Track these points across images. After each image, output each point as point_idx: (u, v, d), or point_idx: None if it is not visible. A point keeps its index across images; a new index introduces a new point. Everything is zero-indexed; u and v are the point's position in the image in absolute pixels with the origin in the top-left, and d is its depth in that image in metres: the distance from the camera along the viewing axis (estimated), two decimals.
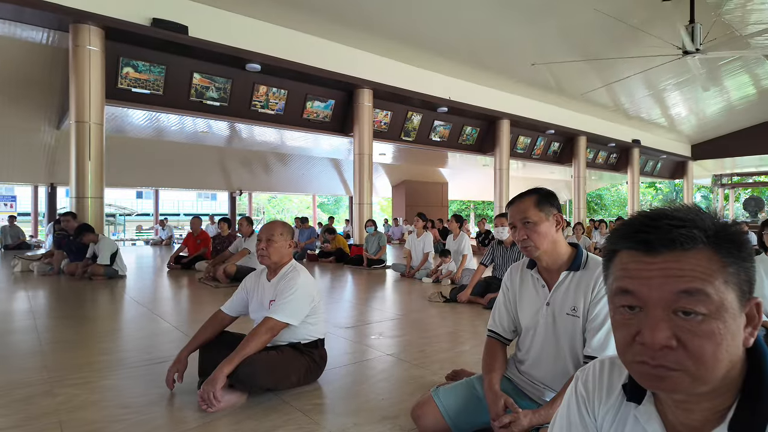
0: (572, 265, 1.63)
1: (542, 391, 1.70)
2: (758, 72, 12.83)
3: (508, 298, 1.82)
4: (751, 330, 0.64)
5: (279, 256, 2.33)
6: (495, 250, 4.87)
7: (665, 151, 18.07)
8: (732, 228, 0.64)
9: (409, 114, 10.66)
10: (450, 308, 4.49)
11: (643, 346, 0.62)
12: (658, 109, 15.17)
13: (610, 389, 0.79)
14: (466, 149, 12.44)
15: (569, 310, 1.60)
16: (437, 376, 2.50)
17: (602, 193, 36.33)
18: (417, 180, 19.89)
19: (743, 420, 0.63)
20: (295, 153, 14.66)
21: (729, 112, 16.22)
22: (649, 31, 8.68)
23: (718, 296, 0.60)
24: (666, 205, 0.68)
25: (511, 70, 10.85)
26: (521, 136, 13.32)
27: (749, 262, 0.63)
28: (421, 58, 9.74)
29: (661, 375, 0.61)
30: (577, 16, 8.46)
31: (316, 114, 9.36)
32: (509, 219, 1.70)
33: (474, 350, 2.99)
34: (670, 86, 12.83)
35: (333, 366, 2.59)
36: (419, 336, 3.41)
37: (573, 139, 14.49)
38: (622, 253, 0.67)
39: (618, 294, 0.66)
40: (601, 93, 12.87)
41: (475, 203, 34.98)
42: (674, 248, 0.62)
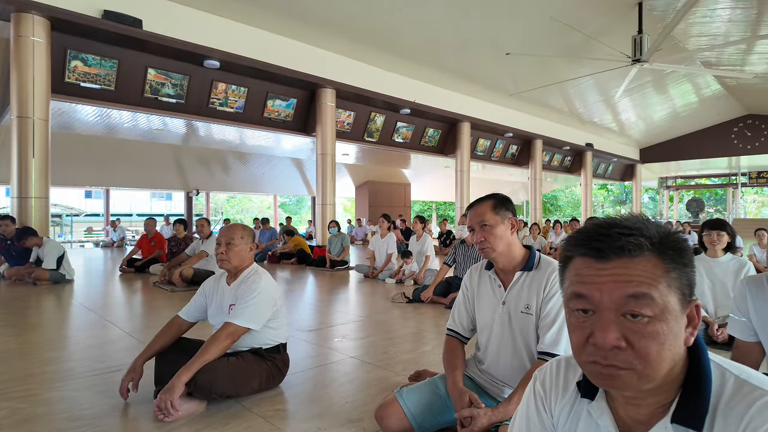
0: (526, 265, 1.71)
1: (501, 388, 1.76)
2: (699, 81, 13.70)
3: (467, 298, 1.88)
4: (692, 330, 0.69)
5: (239, 259, 2.28)
6: (457, 250, 4.96)
7: (616, 155, 18.96)
8: (674, 236, 0.69)
9: (372, 115, 10.69)
10: (413, 308, 4.53)
11: (596, 347, 0.66)
12: (610, 115, 15.91)
13: (566, 387, 0.84)
14: (429, 151, 12.61)
15: (523, 309, 1.67)
16: (401, 377, 2.52)
17: (557, 194, 37.65)
18: (380, 180, 19.95)
19: (685, 413, 0.68)
20: (256, 152, 14.38)
21: (673, 119, 17.22)
22: (603, 40, 9.10)
23: (662, 300, 0.65)
24: (617, 211, 0.73)
25: (472, 74, 11.09)
26: (481, 138, 13.63)
27: (690, 267, 0.69)
28: (384, 59, 9.79)
29: (611, 374, 0.66)
30: (536, 23, 8.75)
31: (277, 113, 9.22)
32: (468, 222, 1.76)
33: (437, 350, 3.03)
34: (619, 93, 13.46)
35: (296, 370, 2.56)
36: (383, 337, 3.43)
37: (530, 143, 14.97)
38: (576, 260, 0.71)
39: (573, 298, 0.70)
40: (556, 98, 13.38)
41: (437, 204, 35.45)
42: (623, 255, 0.66)
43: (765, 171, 21.56)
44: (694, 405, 0.67)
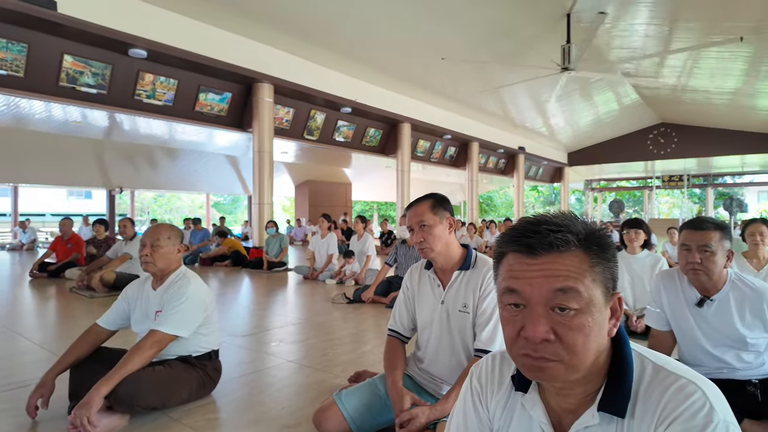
0: (463, 264, 1.73)
1: (440, 385, 1.78)
2: (620, 90, 14.80)
3: (408, 298, 1.88)
4: (615, 321, 0.72)
5: (166, 262, 2.13)
6: (398, 250, 4.99)
7: (546, 158, 20.05)
8: (599, 232, 0.72)
9: (313, 112, 10.52)
10: (353, 309, 4.50)
11: (527, 341, 0.68)
12: (540, 120, 16.79)
13: (501, 381, 0.86)
14: (370, 150, 12.62)
15: (461, 307, 1.70)
16: (340, 379, 2.48)
17: (492, 195, 39.21)
18: (321, 180, 19.71)
19: (609, 400, 0.71)
20: (187, 148, 13.65)
21: (597, 125, 18.49)
22: (535, 47, 9.57)
23: (587, 293, 0.68)
24: (546, 211, 0.75)
25: (412, 76, 11.24)
26: (421, 140, 13.86)
27: (613, 262, 0.72)
28: (326, 56, 9.66)
29: (541, 366, 0.68)
30: (471, 28, 9.02)
31: (210, 107, 8.80)
32: (407, 222, 1.76)
33: (377, 350, 3.02)
34: (550, 99, 14.24)
35: (229, 377, 2.44)
36: (322, 339, 3.37)
37: (467, 145, 15.45)
38: (509, 256, 0.73)
39: (505, 293, 0.72)
40: (492, 102, 13.90)
41: (378, 204, 35.66)
42: (552, 251, 0.69)
43: (675, 175, 23.74)
44: (617, 393, 0.71)
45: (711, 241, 1.73)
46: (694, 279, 1.83)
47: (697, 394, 0.65)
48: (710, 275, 1.76)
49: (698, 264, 1.75)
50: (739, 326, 1.77)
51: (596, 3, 8.49)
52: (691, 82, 13.11)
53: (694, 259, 1.76)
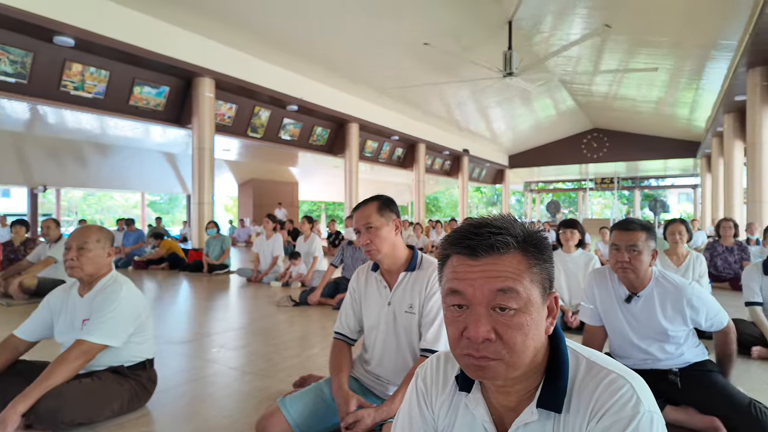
0: (409, 266, 1.75)
1: (386, 386, 1.78)
2: (557, 96, 15.59)
3: (354, 299, 1.87)
4: (551, 320, 0.75)
5: (94, 267, 1.99)
6: (345, 251, 4.96)
7: (488, 160, 20.76)
8: (536, 234, 0.75)
9: (257, 109, 10.24)
10: (299, 312, 4.42)
11: (469, 341, 0.70)
12: (483, 123, 17.35)
13: (445, 381, 0.87)
14: (317, 150, 12.48)
15: (407, 308, 1.71)
16: (285, 384, 2.42)
17: (438, 195, 40.01)
18: (266, 179, 19.22)
19: (547, 397, 0.74)
20: (120, 143, 12.86)
21: (536, 129, 19.38)
22: (480, 52, 9.85)
23: (526, 293, 0.70)
24: (489, 212, 0.77)
25: (360, 76, 11.23)
26: (369, 140, 13.90)
27: (549, 263, 0.75)
28: (272, 53, 9.43)
29: (482, 365, 0.70)
30: (420, 31, 9.15)
31: (146, 101, 8.34)
32: (354, 224, 1.75)
33: (324, 353, 2.98)
34: (492, 104, 14.76)
35: (166, 387, 2.32)
36: (266, 344, 3.27)
37: (414, 146, 15.68)
38: (453, 258, 0.75)
39: (449, 294, 0.73)
40: (438, 105, 14.18)
41: (326, 204, 35.34)
42: (493, 253, 0.71)
43: (607, 178, 25.40)
44: (554, 389, 0.74)
45: (638, 241, 1.86)
46: (623, 277, 1.96)
47: (626, 388, 0.69)
48: (637, 273, 1.89)
49: (627, 263, 1.88)
50: (662, 320, 1.91)
51: (537, 12, 8.89)
52: (621, 91, 14.06)
53: (623, 258, 1.88)
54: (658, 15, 8.42)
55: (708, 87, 11.69)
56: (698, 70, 10.78)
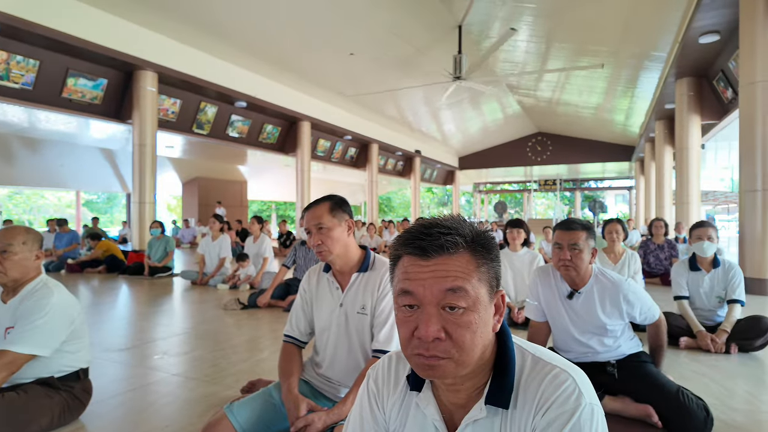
0: (362, 266, 1.73)
1: (338, 388, 1.76)
2: (504, 101, 16.12)
3: (305, 301, 1.84)
4: (498, 318, 0.77)
5: (21, 271, 1.83)
6: (297, 252, 4.87)
7: (439, 162, 21.14)
8: (484, 235, 0.77)
9: (203, 105, 9.87)
10: (248, 315, 4.29)
11: (420, 340, 0.70)
12: (435, 125, 17.65)
13: (397, 382, 0.88)
14: (267, 148, 12.20)
15: (359, 309, 1.69)
16: (232, 390, 2.34)
17: (391, 196, 40.31)
18: (212, 177, 18.54)
19: (495, 393, 0.75)
20: (52, 138, 11.97)
21: (484, 132, 19.95)
22: (430, 55, 9.99)
23: (474, 292, 0.71)
24: (440, 212, 0.77)
25: (313, 74, 11.09)
26: (321, 139, 13.75)
27: (496, 262, 0.77)
28: (220, 47, 9.12)
29: (432, 364, 0.70)
30: (373, 30, 9.17)
31: (81, 94, 7.81)
32: (305, 225, 1.71)
33: (273, 356, 2.91)
34: (443, 106, 15.04)
35: (102, 397, 2.18)
36: (212, 349, 3.15)
37: (367, 146, 15.69)
38: (404, 258, 0.75)
39: (400, 294, 0.74)
40: (390, 106, 14.28)
41: (276, 204, 34.66)
42: (443, 253, 0.72)
43: (550, 179, 26.57)
44: (501, 385, 0.75)
45: (579, 240, 1.96)
46: (565, 274, 2.05)
47: (568, 381, 0.71)
48: (578, 271, 1.99)
49: (568, 261, 1.97)
50: (601, 315, 2.02)
51: (485, 17, 9.14)
52: (564, 97, 14.74)
53: (565, 256, 1.98)
54: (597, 26, 8.91)
55: (642, 95, 12.51)
56: (633, 79, 11.50)
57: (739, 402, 2.23)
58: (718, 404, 2.15)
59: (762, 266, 5.36)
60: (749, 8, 5.48)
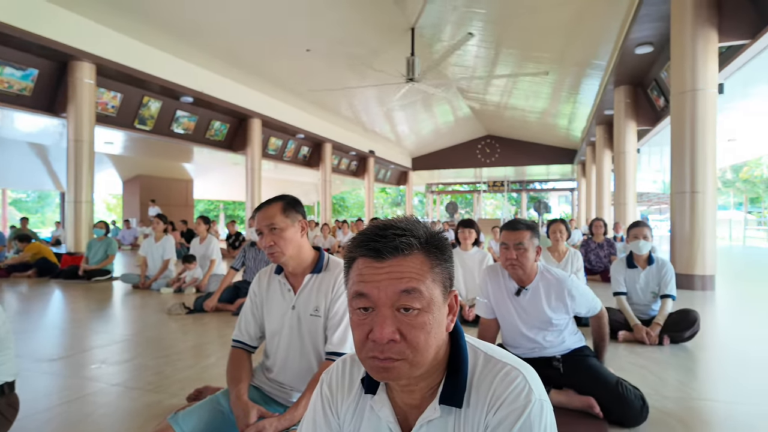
0: (315, 267, 1.70)
1: (290, 393, 1.72)
2: (455, 104, 16.47)
3: (255, 304, 1.78)
4: (452, 317, 0.78)
5: None
6: (247, 253, 4.73)
7: (393, 162, 21.29)
8: (438, 236, 0.77)
9: (146, 99, 9.39)
10: (194, 320, 4.12)
11: (375, 343, 0.71)
12: (388, 126, 17.75)
13: (351, 385, 0.87)
14: (215, 145, 11.78)
15: (312, 311, 1.66)
16: (177, 398, 2.23)
17: (345, 195, 40.15)
18: (156, 175, 17.68)
19: (448, 393, 0.76)
20: None
21: (436, 134, 20.30)
22: (384, 57, 10.03)
23: (428, 293, 0.72)
24: (394, 212, 0.76)
25: (265, 71, 10.83)
26: (273, 137, 13.46)
27: (450, 263, 0.78)
28: (164, 40, 8.71)
29: (387, 366, 0.70)
30: (327, 29, 9.08)
31: (7, 84, 7.22)
32: (256, 225, 1.66)
33: (221, 362, 2.81)
34: (396, 107, 15.13)
35: (31, 412, 2.01)
36: (155, 356, 2.99)
37: (321, 145, 15.53)
38: (359, 260, 0.75)
39: (355, 297, 0.73)
40: (344, 106, 14.22)
41: (225, 203, 33.61)
42: (397, 254, 0.72)
43: (498, 181, 27.44)
44: (455, 385, 0.76)
45: (524, 239, 2.05)
46: (512, 272, 2.14)
47: (519, 378, 0.73)
48: (524, 269, 2.08)
49: (515, 259, 2.06)
50: (547, 310, 2.11)
51: (437, 21, 9.29)
52: (511, 101, 15.26)
53: (512, 255, 2.06)
54: (542, 33, 9.29)
55: (584, 101, 13.18)
56: (576, 86, 12.10)
57: (671, 390, 2.38)
58: (653, 393, 2.29)
59: (691, 263, 5.79)
60: (679, 22, 5.90)
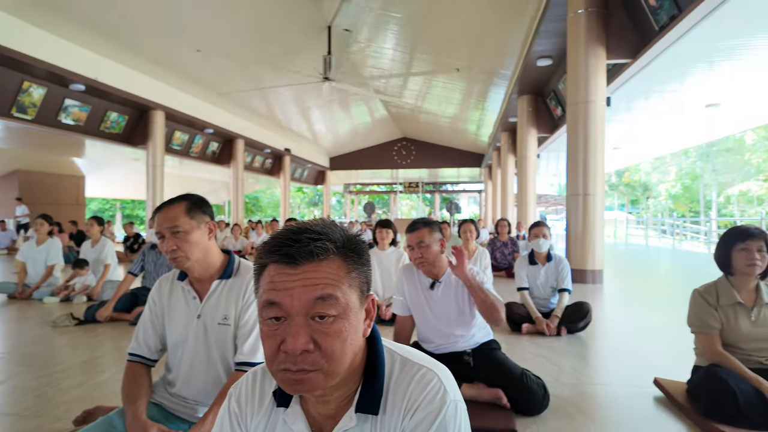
0: (224, 273, 1.59)
1: (195, 408, 1.60)
2: (372, 105, 16.64)
3: (155, 314, 1.63)
4: (369, 322, 0.76)
5: None
6: (146, 257, 4.34)
7: (310, 161, 20.96)
8: (355, 239, 0.74)
9: (26, 85, 8.28)
10: (85, 331, 3.70)
11: (287, 354, 0.66)
12: (305, 124, 17.44)
13: (262, 399, 0.82)
14: (111, 138, 10.70)
15: (221, 320, 1.55)
16: (62, 422, 1.98)
17: (259, 195, 38.82)
18: (39, 171, 15.69)
19: (365, 400, 0.74)
20: None
21: (354, 134, 20.37)
22: (300, 54, 9.82)
23: (344, 298, 0.69)
24: (310, 215, 0.72)
25: (170, 61, 10.06)
26: (178, 131, 12.56)
27: (367, 267, 0.75)
28: (50, 20, 7.71)
29: (300, 378, 0.66)
30: (240, 23, 8.67)
31: None
32: (156, 227, 1.51)
33: (117, 378, 2.54)
34: (313, 106, 14.95)
35: None
36: (36, 375, 2.63)
37: (232, 142, 14.78)
38: (270, 267, 0.70)
39: (266, 307, 0.69)
40: (258, 102, 13.70)
41: (122, 202, 30.88)
42: (312, 260, 0.68)
43: (414, 182, 28.25)
44: (371, 392, 0.74)
45: (424, 237, 2.14)
46: (423, 270, 2.23)
47: (434, 380, 0.72)
48: (431, 263, 2.17)
49: (420, 257, 2.15)
50: (458, 303, 2.22)
51: (354, 21, 9.31)
52: (425, 105, 15.78)
53: (417, 254, 2.16)
54: (454, 41, 9.72)
55: (491, 108, 14.01)
56: (484, 93, 12.82)
57: (567, 377, 2.60)
58: (553, 381, 2.48)
59: (583, 259, 6.39)
60: (574, 39, 6.49)
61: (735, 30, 5.76)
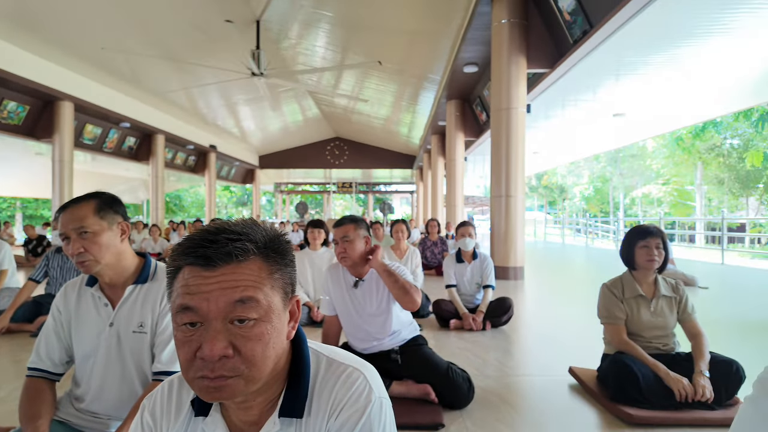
0: (139, 277, 1.48)
1: (107, 423, 1.48)
2: (304, 103, 16.38)
3: (60, 323, 1.49)
4: (293, 324, 0.74)
5: None
6: (51, 261, 3.95)
7: (238, 159, 20.20)
8: (278, 239, 0.72)
9: None
10: None
11: (204, 361, 0.63)
12: (232, 120, 16.77)
13: (179, 409, 0.79)
14: (9, 130, 9.62)
15: (136, 328, 1.45)
16: None
17: (182, 194, 36.80)
18: None
19: (289, 404, 0.72)
20: None
21: (285, 132, 19.92)
22: (227, 47, 9.43)
23: (266, 301, 0.67)
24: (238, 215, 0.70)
25: (79, 47, 9.21)
26: (90, 124, 11.56)
27: (291, 267, 0.74)
28: None
29: (219, 386, 0.64)
30: (159, 11, 8.15)
31: None
32: (60, 228, 1.38)
33: (14, 396, 2.30)
34: (241, 101, 14.41)
35: None
36: None
37: (151, 137, 13.85)
38: (185, 270, 0.67)
39: (180, 311, 0.65)
40: (180, 95, 12.95)
41: (24, 201, 27.91)
42: (231, 261, 0.66)
43: (347, 182, 28.23)
44: (295, 395, 0.73)
45: (348, 232, 2.16)
46: (347, 266, 2.23)
47: (360, 379, 0.73)
48: (354, 259, 2.18)
49: (343, 252, 2.17)
50: (381, 299, 2.24)
51: (283, 16, 9.11)
52: (358, 106, 15.82)
53: (341, 249, 2.17)
54: (385, 44, 9.83)
55: (422, 111, 14.35)
56: (415, 97, 13.10)
57: (491, 370, 2.73)
58: (477, 374, 2.59)
59: (506, 256, 6.74)
60: (498, 47, 6.82)
61: (637, 47, 6.37)
